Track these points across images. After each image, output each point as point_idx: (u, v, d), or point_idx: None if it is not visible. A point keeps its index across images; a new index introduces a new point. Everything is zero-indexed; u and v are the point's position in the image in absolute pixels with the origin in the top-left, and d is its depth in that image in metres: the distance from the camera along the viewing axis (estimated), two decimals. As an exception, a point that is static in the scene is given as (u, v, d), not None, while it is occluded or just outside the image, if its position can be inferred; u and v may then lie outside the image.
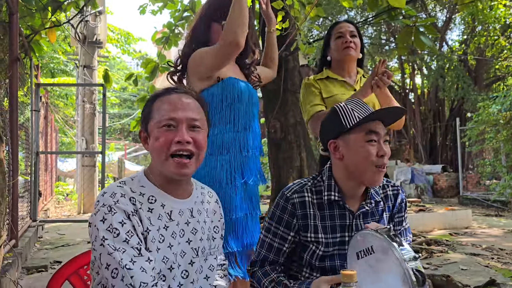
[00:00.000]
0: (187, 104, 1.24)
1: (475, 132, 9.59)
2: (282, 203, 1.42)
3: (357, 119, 1.36)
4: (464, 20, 13.34)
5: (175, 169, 1.20)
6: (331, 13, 12.14)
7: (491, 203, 8.84)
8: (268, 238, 1.43)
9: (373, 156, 1.35)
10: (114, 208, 1.12)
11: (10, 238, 3.37)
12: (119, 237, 1.09)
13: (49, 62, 14.41)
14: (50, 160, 9.70)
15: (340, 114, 1.39)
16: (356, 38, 2.24)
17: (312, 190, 1.43)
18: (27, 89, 4.87)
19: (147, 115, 1.26)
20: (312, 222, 1.40)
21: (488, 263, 4.14)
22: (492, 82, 14.69)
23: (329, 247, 1.39)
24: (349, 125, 1.36)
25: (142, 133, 1.29)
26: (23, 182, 5.01)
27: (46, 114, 7.97)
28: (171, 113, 1.21)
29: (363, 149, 1.35)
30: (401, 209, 1.51)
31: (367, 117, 1.35)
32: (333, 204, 1.41)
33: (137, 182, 1.23)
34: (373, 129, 1.36)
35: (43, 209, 7.48)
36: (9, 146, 3.29)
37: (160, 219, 1.19)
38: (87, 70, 9.27)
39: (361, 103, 1.41)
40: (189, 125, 1.22)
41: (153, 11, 4.57)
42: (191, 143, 1.21)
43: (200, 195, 1.35)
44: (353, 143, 1.37)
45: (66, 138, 17.67)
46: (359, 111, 1.37)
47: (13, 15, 3.33)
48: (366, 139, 1.36)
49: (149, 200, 1.20)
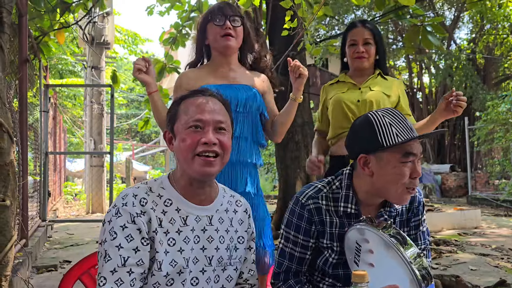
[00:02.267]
0: (214, 107, 1.26)
1: (484, 132, 9.52)
2: (298, 210, 1.36)
3: (395, 138, 1.24)
4: (472, 19, 13.25)
5: (201, 167, 1.21)
6: (338, 12, 12.11)
7: (501, 203, 8.76)
8: (288, 247, 1.38)
9: (406, 178, 1.26)
10: (121, 211, 1.16)
11: (20, 238, 3.41)
12: (114, 241, 1.13)
13: (57, 63, 14.54)
14: (59, 160, 9.78)
15: (376, 128, 1.27)
16: (369, 46, 2.20)
17: (328, 197, 1.36)
18: (36, 90, 4.91)
19: (173, 116, 1.28)
20: (328, 230, 1.35)
21: (498, 264, 4.10)
22: (501, 81, 14.57)
23: (343, 255, 1.35)
24: (387, 144, 1.25)
25: (167, 134, 1.30)
26: (33, 182, 5.06)
27: (55, 115, 8.03)
28: (198, 115, 1.23)
29: (397, 170, 1.25)
30: (418, 212, 1.45)
31: (412, 139, 1.24)
32: (350, 214, 1.36)
33: (159, 183, 1.26)
34: (411, 150, 1.25)
35: (52, 209, 7.54)
36: (18, 147, 3.32)
37: (171, 223, 1.20)
38: (95, 71, 9.32)
39: (398, 115, 1.29)
40: (215, 127, 1.24)
41: (160, 12, 4.59)
42: (217, 144, 1.23)
43: (225, 203, 1.34)
44: (387, 162, 1.27)
45: (75, 139, 17.81)
46: (397, 128, 1.26)
47: (23, 17, 3.36)
48: (402, 160, 1.25)
49: (165, 203, 1.22)
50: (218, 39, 1.91)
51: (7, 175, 2.16)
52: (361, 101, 2.17)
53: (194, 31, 4.25)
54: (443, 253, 4.46)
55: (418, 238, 1.46)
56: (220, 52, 1.95)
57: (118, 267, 1.11)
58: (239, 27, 1.94)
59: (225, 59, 1.95)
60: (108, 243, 1.13)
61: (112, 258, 1.11)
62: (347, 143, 1.41)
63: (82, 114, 14.37)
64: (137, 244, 1.14)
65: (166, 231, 1.19)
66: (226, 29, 1.89)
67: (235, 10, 1.97)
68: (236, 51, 1.99)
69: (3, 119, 2.18)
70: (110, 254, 1.12)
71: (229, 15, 1.91)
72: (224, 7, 1.94)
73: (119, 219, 1.15)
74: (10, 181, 2.19)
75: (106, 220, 1.17)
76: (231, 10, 1.94)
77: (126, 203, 1.17)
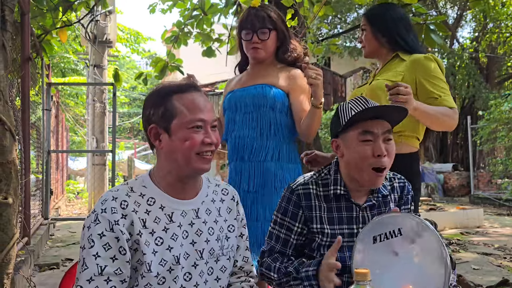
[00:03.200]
0: (208, 104, 1.26)
1: (487, 131, 9.49)
2: (287, 195, 1.44)
3: (350, 114, 1.34)
4: (475, 17, 13.20)
5: (201, 164, 1.21)
6: (341, 11, 12.09)
7: (503, 202, 8.74)
8: (275, 229, 1.45)
9: (369, 157, 1.32)
10: (99, 217, 1.14)
11: (22, 236, 3.41)
12: (91, 249, 1.11)
13: (60, 62, 14.56)
14: (61, 158, 9.80)
15: (339, 113, 1.39)
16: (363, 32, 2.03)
17: (318, 183, 1.44)
18: (38, 89, 4.92)
19: (167, 111, 1.21)
20: (318, 214, 1.40)
21: (501, 263, 4.09)
22: (504, 79, 14.52)
23: (335, 238, 1.37)
24: (343, 123, 1.35)
25: (154, 129, 1.22)
26: (35, 180, 5.07)
27: (57, 113, 8.04)
28: (200, 114, 1.22)
29: (359, 148, 1.34)
30: (407, 201, 1.51)
31: (358, 114, 1.31)
32: (339, 197, 1.42)
33: (140, 181, 1.24)
34: (368, 128, 1.33)
35: (55, 207, 7.56)
36: (21, 145, 3.32)
37: (156, 222, 1.19)
38: (97, 69, 9.33)
39: (363, 101, 1.36)
40: (211, 126, 1.25)
41: (162, 10, 4.58)
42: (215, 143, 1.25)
43: (211, 194, 1.33)
44: (350, 142, 1.36)
45: (77, 137, 17.84)
46: (355, 107, 1.34)
47: (25, 15, 3.36)
48: (360, 139, 1.33)
49: (148, 201, 1.20)
50: (247, 51, 2.05)
51: (9, 173, 2.17)
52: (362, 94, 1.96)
53: (197, 30, 4.26)
54: (445, 252, 4.45)
55: None
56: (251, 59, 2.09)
57: (94, 275, 1.10)
58: (268, 40, 1.99)
59: (257, 64, 2.07)
60: (86, 251, 1.12)
61: (89, 267, 1.10)
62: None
63: (84, 112, 14.40)
64: (115, 253, 1.12)
65: (152, 231, 1.18)
66: (253, 44, 1.99)
67: (263, 21, 1.99)
68: (267, 57, 2.05)
69: (6, 117, 2.18)
70: (87, 263, 1.11)
71: (256, 29, 1.97)
72: (253, 20, 1.98)
73: (97, 227, 1.13)
74: (12, 179, 2.19)
75: (86, 226, 1.15)
76: (259, 22, 1.98)
77: (105, 209, 1.15)
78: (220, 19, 4.20)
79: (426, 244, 1.22)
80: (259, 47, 1.99)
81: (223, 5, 4.19)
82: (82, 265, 1.11)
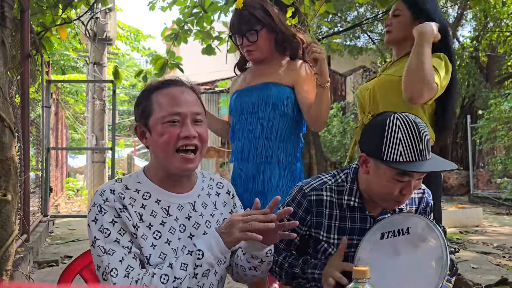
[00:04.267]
0: (189, 98, 1.23)
1: (487, 130, 9.49)
2: (298, 198, 1.38)
3: (397, 157, 1.20)
4: (475, 16, 13.17)
5: (181, 164, 1.19)
6: (341, 9, 12.07)
7: (502, 201, 8.74)
8: None
9: (396, 193, 1.26)
10: (104, 207, 1.14)
11: (21, 233, 3.41)
12: (110, 237, 1.12)
13: (59, 59, 14.54)
14: (61, 156, 9.79)
15: (385, 138, 1.23)
16: (398, 18, 1.94)
17: (333, 189, 1.37)
18: (38, 86, 4.91)
19: (145, 108, 1.23)
20: (326, 222, 1.36)
21: (500, 262, 4.10)
22: (504, 79, 14.50)
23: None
24: (387, 158, 1.22)
25: (138, 127, 1.26)
26: (34, 177, 5.06)
27: (57, 111, 8.03)
28: (176, 107, 1.20)
29: (389, 184, 1.25)
30: (426, 213, 1.46)
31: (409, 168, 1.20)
32: (354, 208, 1.37)
33: (134, 178, 1.25)
34: (410, 173, 1.23)
35: (54, 204, 7.56)
36: (20, 142, 3.32)
37: (153, 216, 1.19)
38: (97, 67, 9.31)
39: (415, 132, 1.21)
40: (193, 119, 1.22)
41: (162, 8, 4.57)
42: (196, 137, 1.21)
43: (206, 188, 1.33)
44: (383, 173, 1.25)
45: (76, 135, 17.83)
46: (405, 147, 1.20)
47: (25, 12, 3.36)
48: (396, 178, 1.23)
49: (143, 196, 1.21)
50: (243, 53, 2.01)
51: (9, 170, 2.16)
52: (370, 89, 1.97)
53: (197, 27, 4.25)
54: (444, 251, 4.46)
55: None
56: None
57: (125, 255, 1.11)
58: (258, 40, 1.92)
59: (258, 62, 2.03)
60: (104, 240, 1.12)
61: (116, 250, 1.11)
62: (361, 135, 1.38)
63: (84, 110, 14.38)
64: (130, 237, 1.14)
65: (149, 224, 1.18)
66: (245, 48, 1.95)
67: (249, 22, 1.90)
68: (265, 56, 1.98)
69: (5, 114, 2.18)
70: (113, 248, 1.11)
71: (244, 32, 1.92)
72: (239, 24, 1.92)
73: (106, 216, 1.14)
74: (12, 176, 2.19)
75: (91, 220, 1.15)
76: (244, 24, 1.91)
77: (106, 198, 1.16)
78: (220, 17, 4.18)
79: (429, 246, 1.19)
80: (252, 49, 1.94)
81: (223, 3, 4.18)
82: (108, 251, 1.10)
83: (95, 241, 1.12)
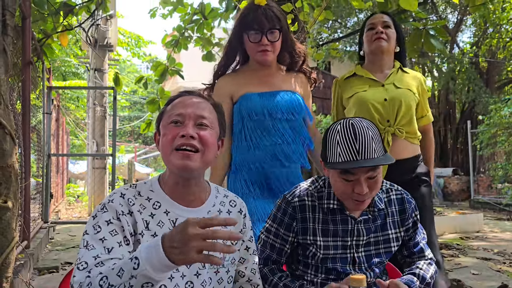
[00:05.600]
0: (197, 102, 1.24)
1: (487, 135, 9.49)
2: (283, 206, 1.45)
3: (336, 158, 1.31)
4: (475, 22, 13.22)
5: (179, 160, 1.17)
6: (341, 16, 12.11)
7: (503, 207, 8.72)
8: (270, 239, 1.46)
9: (350, 193, 1.33)
10: (107, 207, 1.16)
11: (22, 239, 3.41)
12: (98, 235, 1.11)
13: (60, 66, 14.60)
14: (62, 162, 9.80)
15: (327, 143, 1.36)
16: (390, 29, 2.07)
17: (314, 195, 1.44)
18: (39, 92, 4.93)
19: (159, 116, 1.29)
20: (311, 225, 1.41)
21: (500, 268, 4.08)
22: (504, 84, 14.52)
23: (329, 250, 1.41)
24: (330, 161, 1.34)
25: (156, 135, 1.30)
26: (35, 184, 5.07)
27: (58, 117, 8.05)
28: (180, 109, 1.22)
29: (339, 184, 1.34)
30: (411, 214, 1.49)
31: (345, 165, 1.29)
32: (335, 210, 1.42)
33: (148, 186, 1.25)
34: (350, 171, 1.31)
35: (55, 210, 7.56)
36: (21, 149, 3.33)
37: (160, 226, 1.18)
38: (98, 73, 9.35)
39: (351, 134, 1.30)
40: (196, 122, 1.21)
41: (163, 15, 4.60)
42: (196, 138, 1.19)
43: (218, 204, 1.31)
44: (332, 175, 1.37)
45: (77, 141, 17.85)
46: (342, 148, 1.30)
47: (26, 19, 3.38)
48: (341, 177, 1.33)
49: (153, 205, 1.21)
50: (254, 54, 1.89)
51: (9, 177, 2.17)
52: (388, 99, 2.02)
53: (197, 34, 4.28)
54: (445, 257, 4.44)
55: (417, 235, 1.51)
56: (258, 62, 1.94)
57: (101, 254, 1.08)
58: (277, 41, 1.87)
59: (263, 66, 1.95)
60: (91, 236, 1.11)
61: (96, 248, 1.08)
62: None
63: (85, 116, 14.41)
64: (121, 239, 1.12)
65: (154, 233, 1.17)
66: (262, 46, 1.85)
67: (272, 20, 1.84)
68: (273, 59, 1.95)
69: (6, 121, 2.19)
70: (94, 245, 1.09)
71: (266, 30, 1.84)
72: (261, 20, 1.83)
73: (105, 214, 1.14)
74: (12, 182, 2.19)
75: (91, 215, 1.17)
76: (268, 22, 1.83)
77: (112, 200, 1.17)
78: (220, 23, 4.21)
79: None
80: (269, 49, 1.86)
81: (224, 9, 4.20)
82: (88, 245, 1.09)
83: (84, 234, 1.13)
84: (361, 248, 1.43)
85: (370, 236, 1.43)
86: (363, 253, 1.43)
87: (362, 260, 1.43)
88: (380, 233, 1.45)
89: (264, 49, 1.86)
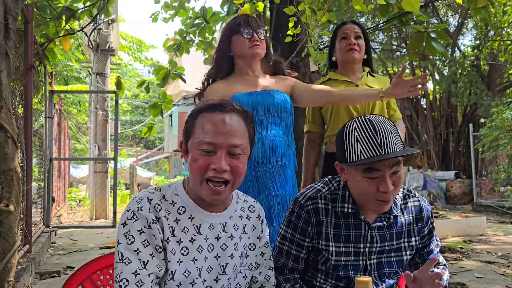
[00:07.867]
0: (230, 127, 1.17)
1: (489, 138, 9.47)
2: (296, 210, 1.39)
3: (358, 155, 1.25)
4: (476, 25, 13.23)
5: (209, 195, 1.17)
6: (342, 19, 12.13)
7: (506, 210, 8.69)
8: (285, 245, 1.41)
9: (374, 193, 1.27)
10: (137, 215, 1.14)
11: (24, 244, 3.41)
12: (132, 246, 1.11)
13: (62, 70, 14.64)
14: (63, 166, 9.80)
15: (344, 142, 1.30)
16: (360, 40, 2.26)
17: (327, 197, 1.38)
18: (41, 96, 4.94)
19: (189, 129, 1.22)
20: (325, 230, 1.36)
21: (504, 271, 4.06)
22: (505, 87, 14.52)
23: (341, 256, 1.36)
24: (350, 160, 1.28)
25: (182, 145, 1.26)
26: (37, 188, 5.07)
27: (60, 121, 8.06)
28: (212, 137, 1.16)
29: (361, 184, 1.28)
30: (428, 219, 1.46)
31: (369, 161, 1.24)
32: (348, 214, 1.37)
33: (173, 189, 1.23)
34: (374, 166, 1.25)
35: (56, 215, 7.55)
36: (23, 153, 3.33)
37: (184, 232, 1.18)
38: (99, 77, 9.38)
39: (371, 129, 1.26)
40: (229, 151, 1.17)
41: (165, 19, 4.61)
42: (228, 171, 1.16)
43: (239, 210, 1.31)
44: (353, 176, 1.30)
45: (79, 145, 17.87)
46: (363, 144, 1.25)
47: (28, 23, 3.39)
48: (364, 176, 1.26)
49: (178, 210, 1.20)
50: (246, 49, 2.03)
51: (11, 181, 2.17)
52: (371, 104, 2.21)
53: (199, 38, 4.29)
54: (448, 261, 4.42)
55: (431, 243, 1.48)
56: (247, 60, 2.06)
57: (139, 269, 1.10)
58: (264, 40, 2.06)
59: (250, 68, 2.07)
60: (125, 247, 1.12)
61: (132, 261, 1.10)
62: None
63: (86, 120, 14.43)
64: (152, 250, 1.13)
65: (179, 240, 1.17)
66: (254, 41, 2.01)
67: (259, 22, 2.09)
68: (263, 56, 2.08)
69: (8, 125, 2.19)
70: (130, 258, 1.11)
71: (255, 28, 2.03)
72: (251, 21, 2.05)
73: (136, 223, 1.14)
74: (14, 186, 2.19)
75: (121, 223, 1.16)
76: (256, 23, 2.06)
77: (141, 207, 1.15)
78: (221, 27, 4.22)
79: None
80: (259, 45, 2.03)
81: (225, 13, 4.21)
82: (124, 259, 1.10)
83: (117, 245, 1.13)
84: (373, 255, 1.38)
85: (385, 244, 1.39)
86: (374, 260, 1.39)
87: (373, 267, 1.39)
88: (395, 241, 1.40)
89: (256, 44, 2.02)
